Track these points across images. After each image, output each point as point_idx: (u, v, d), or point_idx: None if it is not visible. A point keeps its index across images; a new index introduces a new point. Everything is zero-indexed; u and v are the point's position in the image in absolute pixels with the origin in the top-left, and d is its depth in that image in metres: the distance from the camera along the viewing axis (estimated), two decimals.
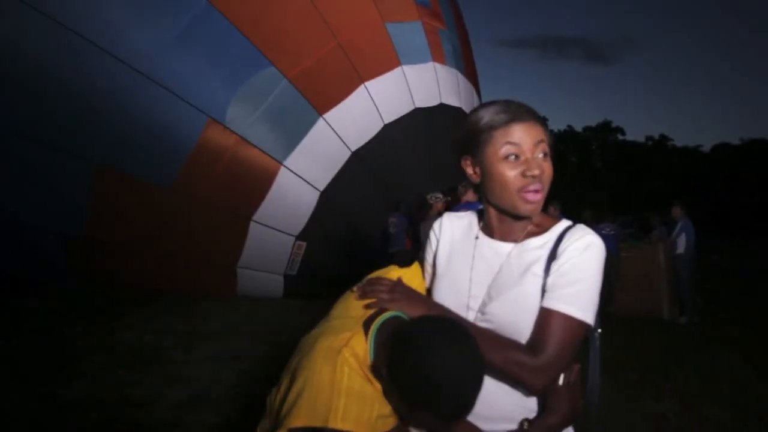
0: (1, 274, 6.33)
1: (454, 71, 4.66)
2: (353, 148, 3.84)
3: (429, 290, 1.35)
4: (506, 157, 1.14)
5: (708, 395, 4.26)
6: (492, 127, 1.16)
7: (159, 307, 6.08)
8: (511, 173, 1.14)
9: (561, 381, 1.19)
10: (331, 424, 1.05)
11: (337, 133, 3.75)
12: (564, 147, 39.72)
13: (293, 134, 3.74)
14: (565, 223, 1.23)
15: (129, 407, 3.69)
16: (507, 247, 1.23)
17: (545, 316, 1.13)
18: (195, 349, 4.79)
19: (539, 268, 1.17)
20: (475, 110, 1.23)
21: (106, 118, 3.48)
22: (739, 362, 5.09)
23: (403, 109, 4.08)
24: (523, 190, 1.14)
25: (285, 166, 3.68)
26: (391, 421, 1.13)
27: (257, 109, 3.67)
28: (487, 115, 1.18)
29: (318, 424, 1.06)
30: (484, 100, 6.28)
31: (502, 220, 1.23)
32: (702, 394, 4.27)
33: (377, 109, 3.94)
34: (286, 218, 3.98)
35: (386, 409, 1.12)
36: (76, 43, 3.25)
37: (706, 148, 41.41)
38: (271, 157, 3.75)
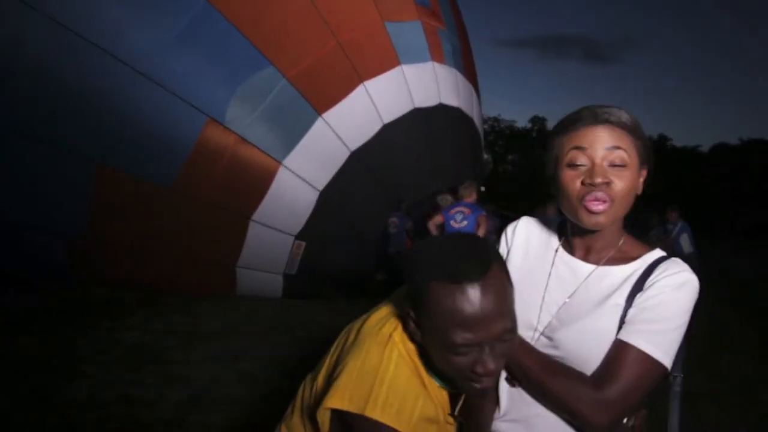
0: (0, 274, 6.33)
1: (454, 71, 4.66)
2: (352, 148, 3.84)
3: None
4: (570, 164, 1.03)
5: (708, 395, 4.26)
6: (566, 130, 1.06)
7: (159, 307, 6.08)
8: (573, 181, 1.03)
9: (625, 423, 1.08)
10: (368, 413, 0.97)
11: (336, 133, 3.75)
12: None
13: (292, 134, 3.74)
14: (658, 253, 1.11)
15: (129, 407, 3.69)
16: (587, 268, 1.11)
17: (619, 349, 1.02)
18: (195, 349, 4.79)
19: (621, 298, 1.06)
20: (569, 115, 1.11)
21: (106, 118, 3.48)
22: (739, 362, 5.09)
23: (403, 109, 4.08)
24: (584, 199, 1.02)
25: (284, 166, 3.68)
26: (429, 427, 1.02)
27: (256, 108, 3.67)
28: (568, 118, 1.07)
29: (355, 410, 0.98)
30: (484, 99, 6.24)
31: (581, 235, 1.12)
32: (702, 394, 4.27)
33: (376, 108, 3.94)
34: (285, 218, 3.98)
35: (431, 410, 1.03)
36: (76, 43, 3.25)
37: (705, 148, 41.43)
38: (271, 156, 3.75)
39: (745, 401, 4.13)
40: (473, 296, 0.92)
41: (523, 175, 36.65)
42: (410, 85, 4.16)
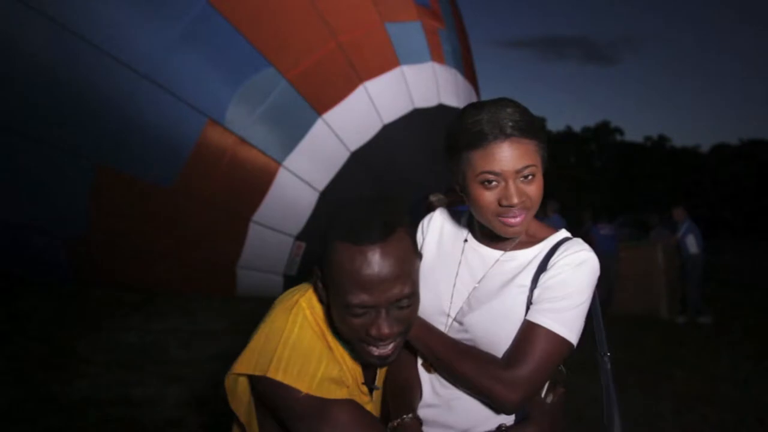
0: (0, 274, 6.33)
1: (454, 71, 4.66)
2: (352, 149, 3.84)
3: None
4: (483, 183, 1.04)
5: (708, 395, 4.26)
6: (471, 146, 1.05)
7: (159, 307, 6.09)
8: (487, 198, 1.05)
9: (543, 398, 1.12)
10: (271, 375, 0.99)
11: (336, 134, 3.75)
12: (563, 147, 39.74)
13: (292, 135, 3.73)
14: (561, 234, 1.16)
15: (129, 407, 3.69)
16: (495, 254, 1.16)
17: (527, 329, 1.06)
18: (195, 349, 4.80)
19: (526, 279, 1.10)
20: (460, 115, 1.11)
21: (106, 119, 3.48)
22: (739, 362, 5.10)
23: (403, 109, 4.07)
24: (500, 216, 1.06)
25: (284, 167, 3.68)
26: (337, 389, 1.02)
27: (256, 109, 3.67)
28: (470, 130, 1.05)
29: (259, 372, 1.00)
30: (483, 100, 6.28)
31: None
32: (702, 394, 4.28)
33: (376, 109, 3.94)
34: (285, 218, 3.98)
35: (335, 372, 1.03)
36: (76, 44, 3.25)
37: (705, 148, 41.47)
38: (271, 157, 3.75)
39: (745, 401, 4.14)
40: (372, 258, 0.93)
41: None
42: (410, 85, 4.16)
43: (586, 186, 33.29)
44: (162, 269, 4.71)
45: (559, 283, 1.07)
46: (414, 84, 4.20)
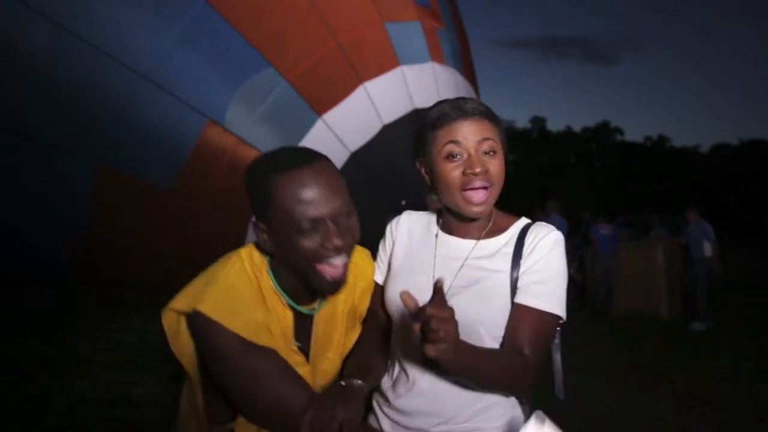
0: (0, 275, 6.33)
1: (453, 71, 4.66)
2: (352, 149, 3.83)
3: (382, 288, 1.32)
4: (448, 156, 1.13)
5: (708, 395, 4.26)
6: (435, 126, 1.15)
7: (159, 307, 6.08)
8: (452, 172, 1.13)
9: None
10: (201, 308, 1.04)
11: (335, 134, 3.75)
12: (563, 147, 39.73)
13: (292, 135, 3.73)
14: (523, 220, 1.24)
15: (129, 407, 3.70)
16: (468, 243, 1.22)
17: (523, 313, 1.13)
18: None
19: (503, 264, 1.16)
20: (423, 110, 1.23)
21: (106, 120, 3.48)
22: (739, 362, 5.10)
23: (403, 109, 4.06)
24: (464, 188, 1.13)
25: None
26: (263, 336, 1.06)
27: (256, 110, 3.66)
28: (433, 115, 1.16)
29: (188, 307, 1.06)
30: (483, 99, 6.27)
31: (459, 218, 1.22)
32: (702, 394, 4.28)
33: (376, 109, 3.93)
34: None
35: (262, 316, 1.08)
36: (75, 44, 3.25)
37: (705, 148, 41.48)
38: None
39: (745, 401, 4.14)
40: (310, 177, 1.03)
41: (523, 175, 36.63)
42: (410, 85, 4.15)
43: (585, 186, 33.29)
44: (162, 269, 4.71)
45: (543, 268, 1.14)
46: (414, 84, 4.20)
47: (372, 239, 1.41)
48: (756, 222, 28.06)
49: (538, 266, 1.14)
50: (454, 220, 1.23)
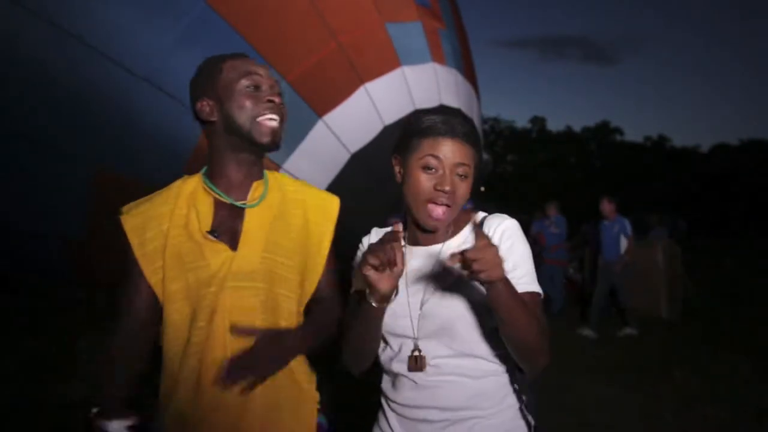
0: (1, 276, 6.33)
1: (454, 72, 4.65)
2: (353, 150, 3.83)
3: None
4: (425, 167, 1.21)
5: (708, 395, 4.26)
6: (422, 135, 1.22)
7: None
8: (424, 183, 1.21)
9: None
10: (123, 221, 1.30)
11: (336, 135, 3.74)
12: (563, 147, 39.70)
13: (293, 137, 3.72)
14: (480, 214, 1.29)
15: (129, 407, 3.69)
16: (434, 249, 1.28)
17: None
18: None
19: None
20: (418, 113, 1.28)
21: (105, 122, 3.47)
22: (739, 362, 5.10)
23: (403, 110, 4.05)
24: (430, 201, 1.20)
25: (284, 169, 3.67)
26: (150, 223, 1.28)
27: None
28: (424, 123, 1.23)
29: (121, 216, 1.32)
30: (483, 99, 6.24)
31: (422, 230, 1.28)
32: (702, 394, 4.28)
33: (377, 110, 3.93)
34: None
35: (156, 210, 1.30)
36: (74, 46, 3.25)
37: (705, 148, 41.48)
38: (271, 160, 3.75)
39: (745, 401, 4.14)
40: (245, 61, 1.33)
41: (523, 175, 36.63)
42: (411, 86, 4.15)
43: (586, 186, 33.28)
44: None
45: (508, 255, 1.16)
46: (415, 85, 4.19)
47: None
48: (757, 222, 28.06)
49: (504, 253, 1.15)
50: (419, 232, 1.30)
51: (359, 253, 1.41)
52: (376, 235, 1.42)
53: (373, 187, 3.80)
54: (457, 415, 1.22)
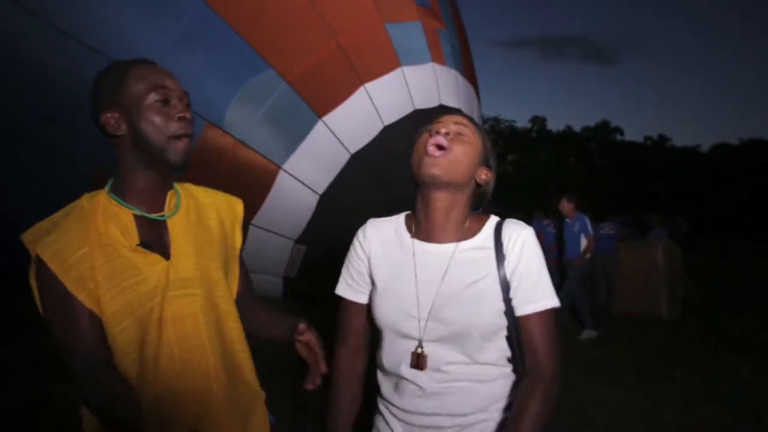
0: (1, 276, 6.32)
1: (454, 72, 4.65)
2: (353, 150, 3.82)
3: (365, 306, 1.33)
4: (427, 132, 1.29)
5: (708, 395, 4.26)
6: (422, 131, 1.32)
7: None
8: (424, 138, 1.27)
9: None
10: (39, 252, 1.17)
11: (336, 136, 3.74)
12: (563, 147, 39.69)
13: (292, 137, 3.72)
14: (494, 219, 1.28)
15: None
16: (447, 248, 1.24)
17: (530, 322, 1.20)
18: None
19: (489, 266, 1.21)
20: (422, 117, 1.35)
21: None
22: (739, 362, 5.10)
23: (403, 110, 4.05)
24: (426, 148, 1.24)
25: (284, 170, 3.66)
26: (82, 267, 1.14)
27: (256, 112, 3.66)
28: (425, 125, 1.32)
29: (34, 251, 1.19)
30: (484, 99, 6.23)
31: (430, 220, 1.25)
32: (702, 394, 4.28)
33: (377, 110, 3.93)
34: (285, 222, 3.97)
35: (86, 247, 1.16)
36: (73, 46, 3.25)
37: (705, 148, 41.46)
38: (271, 161, 3.75)
39: (745, 401, 4.14)
40: (155, 66, 1.27)
41: (523, 175, 36.61)
42: (411, 86, 4.15)
43: (586, 186, 33.28)
44: None
45: (530, 267, 1.20)
46: (414, 85, 4.19)
47: None
48: (757, 222, 28.04)
49: (525, 267, 1.20)
50: (425, 223, 1.26)
51: (352, 250, 1.37)
52: (372, 227, 1.37)
53: (373, 187, 3.80)
54: (469, 420, 1.20)
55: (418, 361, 1.20)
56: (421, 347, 1.20)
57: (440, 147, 1.20)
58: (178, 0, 3.43)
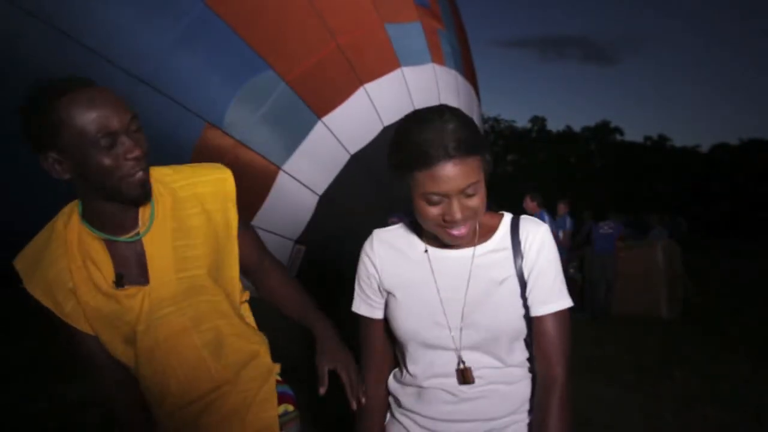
0: (1, 276, 6.32)
1: (453, 72, 4.65)
2: (352, 151, 3.82)
3: (382, 321, 1.30)
4: (428, 202, 1.09)
5: (708, 395, 4.26)
6: (417, 167, 1.07)
7: None
8: (432, 211, 1.10)
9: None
10: (30, 290, 1.18)
11: (336, 137, 3.74)
12: (563, 147, 39.69)
13: (292, 138, 3.72)
14: (508, 215, 1.25)
15: None
16: (466, 253, 1.20)
17: (544, 323, 1.18)
18: None
19: (508, 267, 1.19)
20: (404, 131, 1.13)
21: None
22: (739, 362, 5.10)
23: (403, 110, 4.03)
24: (444, 228, 1.11)
25: (283, 171, 3.66)
26: (57, 288, 1.16)
27: (255, 113, 3.66)
28: (414, 150, 1.07)
29: (25, 286, 1.19)
30: (484, 99, 6.23)
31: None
32: (702, 394, 4.28)
33: (377, 111, 3.93)
34: (284, 223, 3.97)
35: (52, 272, 1.16)
36: (73, 46, 3.25)
37: (705, 148, 41.47)
38: (270, 161, 3.75)
39: (745, 401, 4.14)
40: (95, 94, 1.09)
41: (523, 175, 36.59)
42: (410, 87, 4.15)
43: (586, 186, 33.27)
44: None
45: (547, 267, 1.18)
46: (414, 85, 4.19)
47: None
48: (757, 222, 28.04)
49: (542, 266, 1.18)
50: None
51: (361, 265, 1.31)
52: (377, 239, 1.29)
53: (373, 187, 3.80)
54: (501, 423, 1.20)
55: (465, 377, 1.18)
56: (463, 362, 1.17)
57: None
58: (178, 0, 3.43)
